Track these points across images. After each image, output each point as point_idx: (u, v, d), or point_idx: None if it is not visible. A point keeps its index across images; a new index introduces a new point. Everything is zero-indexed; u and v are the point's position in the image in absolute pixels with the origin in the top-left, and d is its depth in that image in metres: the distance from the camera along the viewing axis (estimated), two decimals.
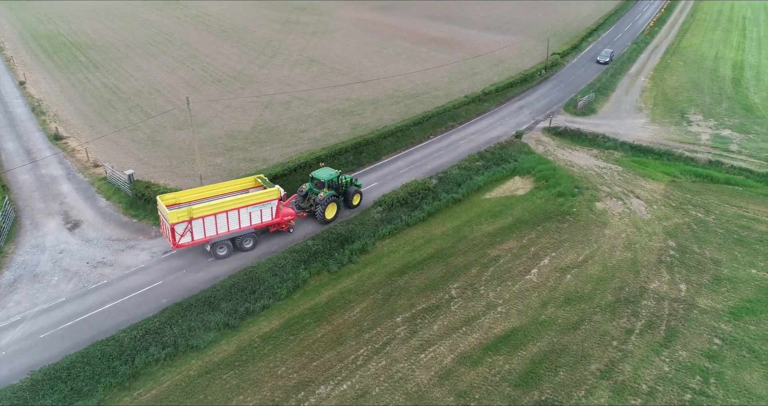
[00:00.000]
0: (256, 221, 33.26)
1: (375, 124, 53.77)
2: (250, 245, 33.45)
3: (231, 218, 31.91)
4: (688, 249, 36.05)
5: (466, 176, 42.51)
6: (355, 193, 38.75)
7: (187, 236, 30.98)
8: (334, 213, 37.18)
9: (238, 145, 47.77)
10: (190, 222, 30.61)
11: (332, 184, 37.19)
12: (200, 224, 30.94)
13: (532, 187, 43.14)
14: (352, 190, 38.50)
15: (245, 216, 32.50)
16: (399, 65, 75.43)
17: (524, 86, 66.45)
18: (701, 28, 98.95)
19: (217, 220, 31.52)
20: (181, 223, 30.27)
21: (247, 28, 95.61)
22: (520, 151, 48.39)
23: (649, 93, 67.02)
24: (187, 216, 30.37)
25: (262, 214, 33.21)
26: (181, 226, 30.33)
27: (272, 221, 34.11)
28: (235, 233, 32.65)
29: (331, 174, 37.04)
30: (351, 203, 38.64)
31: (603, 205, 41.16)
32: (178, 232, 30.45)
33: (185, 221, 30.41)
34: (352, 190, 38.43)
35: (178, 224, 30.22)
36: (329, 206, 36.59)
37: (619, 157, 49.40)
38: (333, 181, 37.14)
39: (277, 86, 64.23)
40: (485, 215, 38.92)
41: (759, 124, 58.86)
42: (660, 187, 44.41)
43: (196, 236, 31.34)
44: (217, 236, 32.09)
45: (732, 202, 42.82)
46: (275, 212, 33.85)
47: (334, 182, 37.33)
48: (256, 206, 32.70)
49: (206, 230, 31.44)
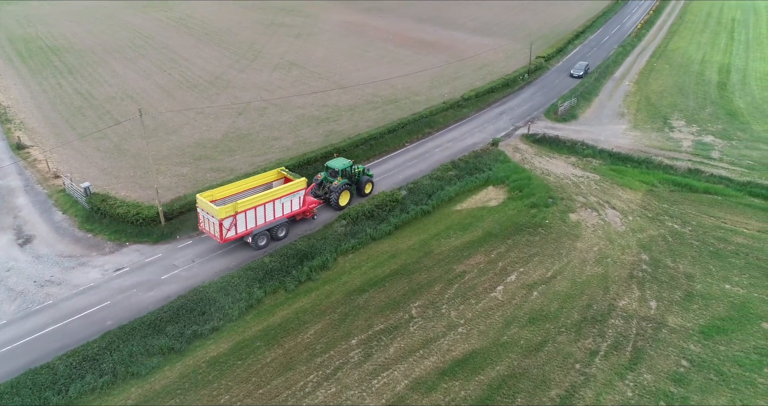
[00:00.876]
0: (288, 211, 35.62)
1: (350, 132, 52.67)
2: (283, 233, 35.66)
3: (268, 209, 34.11)
4: (661, 263, 35.02)
5: (437, 187, 41.41)
6: (367, 182, 41.14)
7: (232, 229, 32.71)
8: (347, 200, 39.77)
9: (206, 154, 46.57)
10: (235, 216, 32.43)
11: (345, 173, 39.74)
12: (243, 218, 32.89)
13: (505, 198, 42.06)
14: (364, 179, 41.05)
15: (279, 207, 34.78)
16: (381, 69, 74.30)
17: (506, 91, 65.39)
18: (689, 30, 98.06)
19: (257, 212, 33.59)
20: (227, 218, 32.09)
21: (231, 30, 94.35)
22: (496, 159, 47.29)
23: (633, 98, 66.02)
24: (233, 211, 32.24)
25: (292, 203, 35.63)
26: (228, 220, 32.15)
27: (300, 210, 36.49)
28: (272, 224, 34.83)
29: (345, 164, 39.67)
30: (363, 191, 40.95)
31: (577, 216, 40.11)
32: (225, 226, 32.15)
33: (231, 216, 32.23)
34: (364, 179, 40.98)
35: (226, 219, 32.00)
36: (343, 194, 39.22)
37: (598, 166, 48.32)
38: (346, 170, 39.67)
39: (254, 92, 63.04)
40: (454, 227, 37.82)
41: (742, 130, 57.91)
42: (637, 197, 43.38)
43: (239, 229, 33.19)
44: (257, 228, 34.05)
45: (710, 212, 41.81)
46: (302, 200, 36.39)
47: (348, 171, 39.85)
48: (288, 197, 35.08)
49: (247, 223, 33.40)
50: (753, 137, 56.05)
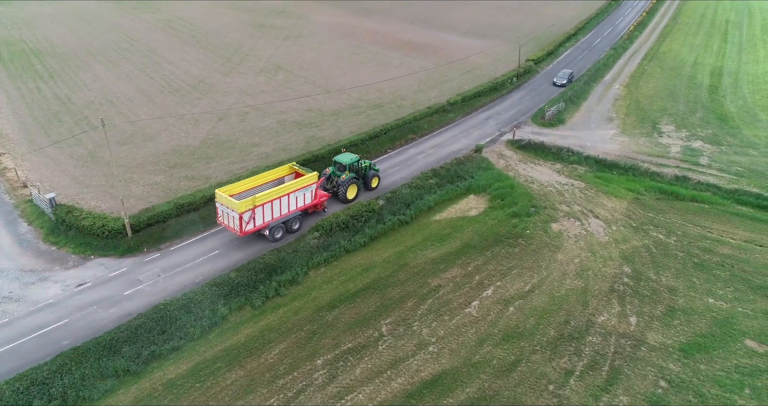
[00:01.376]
0: (301, 204, 36.95)
1: (332, 137, 51.64)
2: (297, 226, 36.83)
3: (283, 203, 35.40)
4: (643, 276, 34.03)
5: (416, 196, 40.33)
6: (374, 177, 42.40)
7: (251, 222, 33.81)
8: (354, 194, 41.02)
9: (182, 162, 45.47)
10: (254, 210, 33.58)
11: (353, 167, 41.06)
12: (261, 211, 34.11)
13: (486, 207, 41.03)
14: (371, 173, 42.27)
15: (293, 200, 36.12)
16: (368, 73, 73.24)
17: (493, 95, 64.35)
18: (682, 32, 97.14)
19: (273, 206, 34.82)
20: (247, 211, 33.21)
21: (219, 32, 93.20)
22: (479, 166, 46.23)
23: (623, 102, 65.04)
24: (252, 204, 33.36)
25: (305, 197, 36.96)
26: (247, 214, 33.29)
27: (312, 203, 37.78)
28: (287, 217, 36.03)
29: (352, 158, 41.05)
30: (370, 185, 42.23)
31: (559, 226, 39.10)
32: (245, 220, 33.28)
33: (250, 209, 33.36)
34: (370, 174, 42.22)
35: (245, 213, 33.12)
36: (350, 187, 40.52)
37: (583, 173, 47.32)
38: (353, 165, 41.03)
39: (236, 96, 61.95)
40: (432, 238, 36.78)
41: (732, 135, 56.98)
42: (622, 206, 42.38)
43: (257, 222, 34.31)
44: (273, 221, 35.26)
45: (696, 221, 40.84)
46: (314, 194, 37.66)
47: (355, 166, 41.22)
48: (301, 191, 36.36)
49: (264, 216, 34.57)
50: (743, 142, 55.12)
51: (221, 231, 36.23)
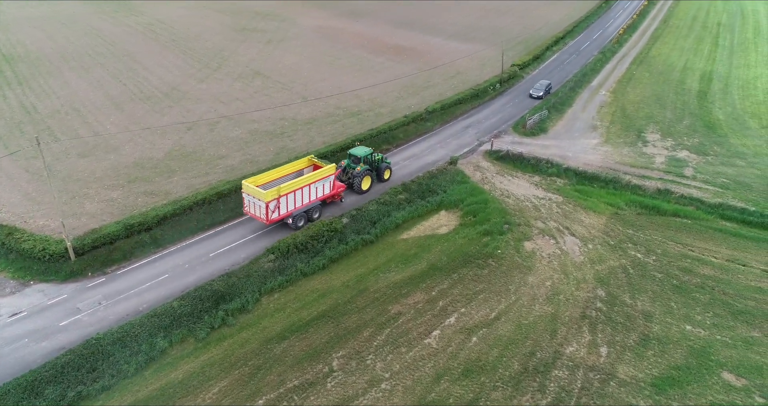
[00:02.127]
0: (321, 194, 39.00)
1: (303, 148, 49.74)
2: (317, 215, 38.85)
3: (305, 193, 37.48)
4: (618, 300, 32.20)
5: (383, 213, 38.43)
6: (386, 169, 44.40)
7: (276, 211, 35.73)
8: (368, 185, 43.01)
9: (143, 176, 43.51)
10: (279, 199, 35.52)
11: (367, 160, 42.91)
12: (285, 201, 36.09)
13: (457, 224, 39.16)
14: (383, 166, 44.23)
15: (314, 191, 38.22)
16: (349, 78, 71.33)
17: (475, 102, 62.46)
18: (673, 35, 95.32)
19: (296, 195, 36.88)
20: (272, 200, 35.18)
21: (200, 36, 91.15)
22: (453, 179, 44.34)
23: (608, 109, 63.19)
24: (277, 194, 35.39)
25: (324, 187, 38.97)
26: (273, 203, 35.22)
27: (330, 193, 39.76)
28: (308, 206, 38.09)
29: (366, 151, 42.97)
30: (383, 177, 44.27)
31: (533, 245, 37.23)
32: (271, 208, 35.21)
33: (275, 199, 35.31)
34: (383, 166, 44.20)
35: (271, 202, 35.05)
36: (365, 178, 42.43)
37: (562, 186, 45.46)
38: (367, 157, 42.88)
39: (209, 104, 59.96)
40: (397, 259, 34.88)
41: (719, 144, 55.18)
42: (600, 222, 40.54)
43: (281, 211, 36.22)
44: (296, 210, 37.29)
45: (677, 238, 39.01)
46: (332, 185, 39.63)
47: (369, 158, 43.03)
48: (321, 181, 38.39)
49: (288, 205, 36.56)
50: (729, 152, 53.33)
51: (173, 252, 34.32)
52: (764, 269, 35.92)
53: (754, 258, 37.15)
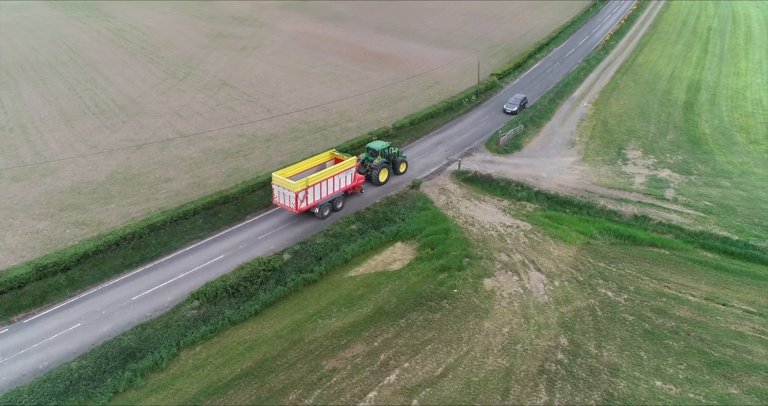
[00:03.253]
0: (343, 185, 41.34)
1: (258, 169, 46.48)
2: (340, 205, 41.33)
3: (330, 184, 39.72)
4: (582, 349, 29.01)
5: (331, 247, 35.14)
6: (402, 162, 46.69)
7: (305, 201, 37.90)
8: (386, 177, 45.50)
9: (77, 203, 40.18)
10: (307, 190, 37.63)
11: (384, 153, 45.32)
12: (312, 191, 38.16)
13: (412, 258, 35.91)
14: (399, 159, 46.54)
15: (338, 182, 40.46)
16: (320, 89, 68.07)
17: (448, 116, 59.24)
18: (661, 41, 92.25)
19: (322, 186, 39.08)
20: (301, 191, 37.37)
21: (171, 43, 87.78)
22: (413, 206, 41.12)
23: (589, 122, 60.04)
24: (305, 185, 37.54)
25: (347, 179, 41.34)
26: (302, 193, 37.45)
27: (351, 185, 42.09)
28: (332, 197, 40.35)
29: (383, 145, 45.35)
30: (398, 170, 46.60)
31: (493, 282, 34.05)
32: (300, 198, 37.45)
33: (304, 189, 37.47)
34: (399, 160, 46.51)
35: (300, 192, 37.26)
36: (382, 171, 44.99)
37: (532, 211, 42.26)
38: (384, 151, 45.27)
39: (166, 119, 56.65)
40: (341, 302, 31.65)
41: (704, 161, 52.08)
42: (570, 254, 37.37)
43: (309, 201, 38.36)
44: (322, 200, 39.52)
45: (653, 272, 35.85)
46: (353, 176, 42.08)
47: (386, 152, 45.46)
48: (343, 173, 40.74)
49: (315, 196, 38.66)
50: (714, 171, 50.24)
51: (92, 296, 30.90)
52: (746, 309, 32.83)
53: (735, 295, 34.06)
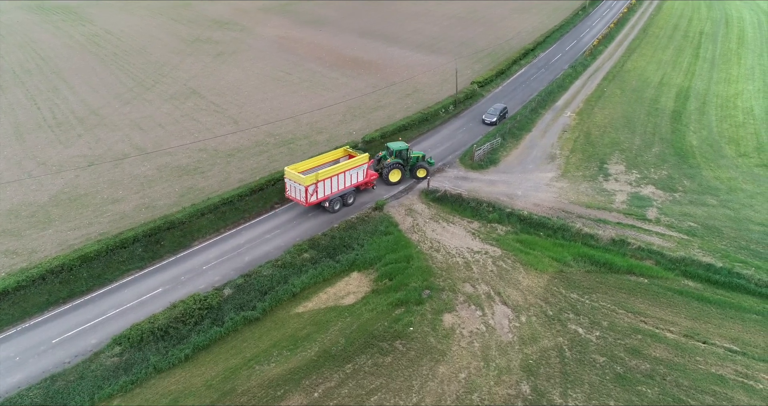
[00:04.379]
0: (355, 181, 42.34)
1: (214, 188, 43.67)
2: (351, 200, 42.42)
3: (341, 179, 40.81)
4: (545, 398, 26.19)
5: (279, 279, 32.26)
6: (420, 168, 46.18)
7: (314, 195, 39.32)
8: (398, 178, 45.64)
9: (12, 228, 37.24)
10: (317, 184, 39.02)
11: (400, 154, 45.30)
12: (322, 186, 39.57)
13: (368, 291, 33.11)
14: (419, 164, 46.16)
15: (349, 177, 41.50)
16: (294, 98, 65.27)
17: (423, 127, 56.43)
18: (651, 46, 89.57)
19: (333, 181, 40.28)
20: (311, 185, 38.81)
21: (145, 49, 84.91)
22: (375, 230, 38.34)
23: (571, 134, 57.30)
24: (315, 179, 38.95)
25: (358, 175, 42.27)
26: (311, 187, 38.89)
27: (363, 181, 43.00)
28: (343, 191, 41.49)
29: (401, 146, 45.37)
30: (416, 174, 46.29)
31: (454, 318, 31.28)
32: (310, 192, 38.90)
33: (314, 183, 38.89)
34: (418, 165, 46.13)
35: (310, 186, 38.69)
36: (393, 171, 45.08)
37: (503, 235, 39.52)
38: (401, 152, 45.26)
39: (125, 132, 53.78)
40: (283, 343, 28.82)
41: (690, 176, 49.38)
42: (541, 284, 34.63)
43: (319, 195, 39.77)
44: (332, 194, 40.77)
45: (629, 304, 33.12)
46: (365, 173, 42.91)
47: (403, 153, 45.38)
48: (355, 169, 41.74)
49: (325, 190, 40.01)
50: (701, 187, 47.55)
51: (7, 339, 28.02)
52: (728, 347, 30.12)
53: (717, 331, 31.34)
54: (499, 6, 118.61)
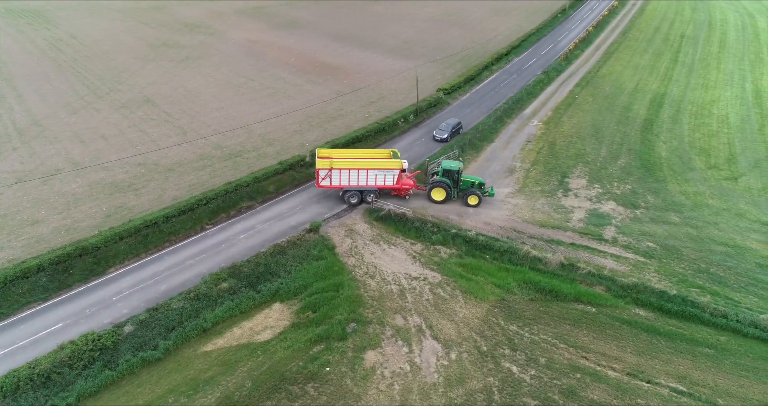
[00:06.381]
0: (380, 183, 42.16)
1: (145, 207, 40.97)
2: (370, 199, 42.53)
3: (361, 175, 41.63)
4: None
5: (190, 312, 29.64)
6: (472, 194, 43.03)
7: (327, 180, 41.37)
8: (441, 198, 43.33)
9: None
10: (330, 171, 40.84)
11: (448, 174, 43.07)
12: (337, 174, 41.24)
13: (288, 324, 30.53)
14: (471, 191, 43.24)
15: (372, 177, 41.75)
16: (252, 106, 62.56)
17: (379, 139, 53.78)
18: (630, 50, 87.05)
19: (350, 174, 41.40)
20: (323, 169, 40.85)
21: (108, 54, 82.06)
22: (307, 254, 35.73)
23: (535, 144, 54.81)
24: (329, 166, 40.80)
25: (386, 178, 41.94)
26: (323, 172, 40.91)
27: (392, 186, 42.67)
28: (363, 188, 42.17)
29: (452, 165, 43.21)
30: (467, 202, 43.15)
31: (377, 356, 28.73)
32: (321, 176, 41.12)
33: (327, 169, 40.77)
34: (470, 191, 43.25)
35: (321, 170, 40.97)
36: (436, 189, 43.12)
37: (446, 258, 36.93)
38: (451, 171, 42.99)
39: (64, 144, 51.03)
40: (183, 388, 26.26)
41: (654, 191, 46.92)
42: (479, 314, 32.12)
43: (333, 182, 41.67)
44: (349, 186, 41.92)
45: (572, 337, 30.66)
46: (396, 179, 42.27)
47: (452, 174, 43.04)
48: (381, 171, 41.59)
49: (341, 180, 41.59)
50: (664, 203, 45.11)
51: None
52: (674, 387, 27.70)
53: (664, 368, 28.91)
54: (479, 8, 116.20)
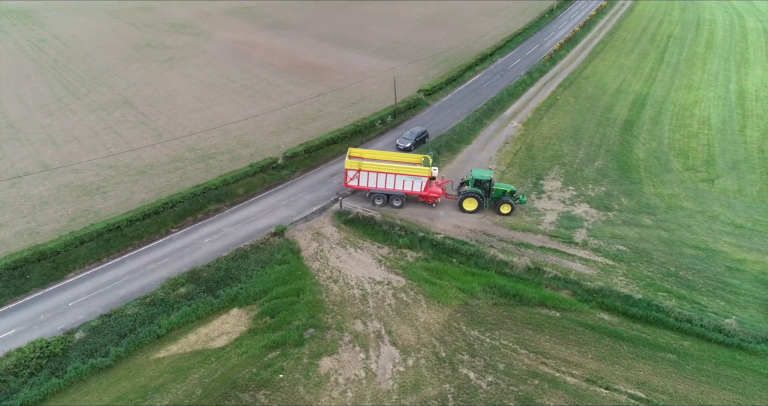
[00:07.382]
0: (408, 188, 42.33)
1: (112, 210, 40.57)
2: (398, 203, 42.58)
3: (389, 179, 41.97)
4: None
5: (145, 318, 29.31)
6: (505, 203, 42.20)
7: (355, 181, 42.20)
8: (473, 208, 42.47)
9: None
10: (359, 172, 41.67)
11: (480, 184, 42.25)
12: (365, 176, 41.91)
13: (245, 330, 30.16)
14: (504, 199, 42.27)
15: (399, 182, 42.06)
16: (230, 107, 62.16)
17: (355, 141, 53.36)
18: (616, 50, 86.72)
19: (378, 177, 41.95)
20: (351, 170, 41.70)
21: (90, 55, 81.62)
22: (270, 258, 35.30)
23: (513, 146, 54.43)
24: (357, 167, 41.58)
25: (413, 184, 42.08)
26: (351, 172, 41.79)
27: (419, 193, 42.56)
28: (389, 192, 42.38)
29: (483, 175, 42.38)
30: (499, 210, 42.44)
31: (332, 363, 28.39)
32: (349, 176, 41.94)
33: (355, 170, 41.61)
34: (503, 199, 42.30)
35: (349, 170, 41.76)
36: (467, 199, 42.35)
37: (412, 262, 36.51)
38: (482, 181, 42.16)
39: (36, 147, 50.62)
40: (131, 396, 25.85)
41: (629, 193, 46.58)
42: (440, 319, 31.77)
43: (361, 183, 42.37)
44: (376, 189, 42.42)
45: (533, 343, 30.30)
46: (424, 186, 42.16)
47: (483, 184, 42.18)
48: (409, 177, 41.80)
49: (368, 182, 42.20)
50: (638, 206, 44.76)
51: None
52: (632, 394, 27.36)
53: (624, 374, 28.56)
54: (467, 8, 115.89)
